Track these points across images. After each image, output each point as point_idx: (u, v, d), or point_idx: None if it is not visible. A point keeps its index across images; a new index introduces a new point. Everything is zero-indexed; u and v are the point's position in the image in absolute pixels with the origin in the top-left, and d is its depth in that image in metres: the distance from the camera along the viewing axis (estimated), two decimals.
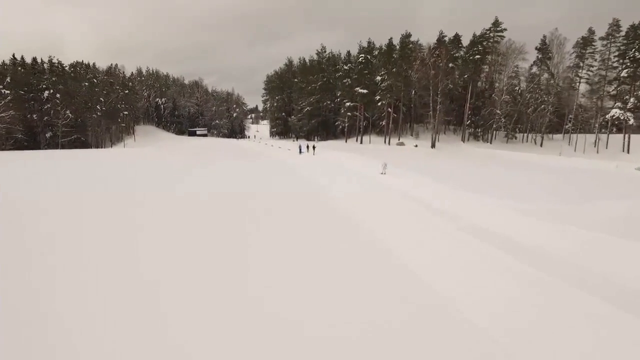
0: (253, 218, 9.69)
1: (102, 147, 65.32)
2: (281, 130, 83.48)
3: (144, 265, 6.11)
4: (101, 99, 60.37)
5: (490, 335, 4.11)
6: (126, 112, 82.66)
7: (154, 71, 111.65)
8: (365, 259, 6.57)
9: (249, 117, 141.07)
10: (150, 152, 44.66)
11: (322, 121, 64.85)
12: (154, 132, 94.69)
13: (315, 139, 63.16)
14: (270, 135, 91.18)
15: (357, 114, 52.74)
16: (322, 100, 63.00)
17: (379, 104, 49.40)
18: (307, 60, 70.84)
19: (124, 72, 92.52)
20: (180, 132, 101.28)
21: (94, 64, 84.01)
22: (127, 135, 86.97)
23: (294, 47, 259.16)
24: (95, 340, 3.93)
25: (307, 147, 38.51)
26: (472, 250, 7.11)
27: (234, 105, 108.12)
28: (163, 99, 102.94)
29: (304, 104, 65.50)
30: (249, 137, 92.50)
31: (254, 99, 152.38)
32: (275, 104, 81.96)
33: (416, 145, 48.44)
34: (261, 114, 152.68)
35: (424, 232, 8.59)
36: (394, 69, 47.34)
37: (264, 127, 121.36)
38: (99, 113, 59.70)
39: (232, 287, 5.30)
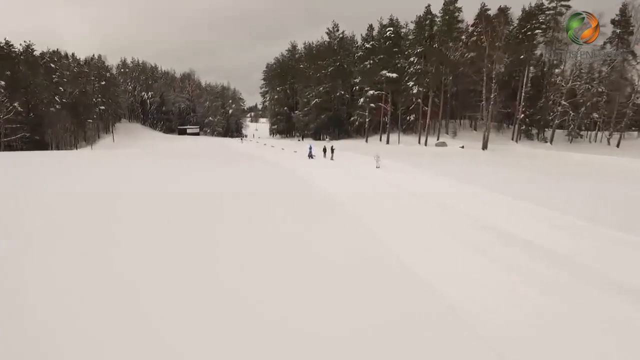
0: None
1: (68, 149, 53.84)
2: (283, 127, 71.66)
3: None
4: (61, 88, 48.75)
5: None
6: (102, 107, 71.24)
7: (141, 62, 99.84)
8: None
9: (248, 115, 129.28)
10: (115, 156, 33.10)
11: (332, 116, 53.11)
12: (137, 131, 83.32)
13: (326, 138, 51.54)
14: (270, 134, 79.48)
15: (382, 105, 41.01)
16: (333, 90, 51.19)
17: (414, 91, 37.57)
18: (315, 44, 58.82)
19: (103, 62, 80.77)
20: (169, 130, 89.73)
21: (72, 53, 72.05)
22: (105, 134, 75.78)
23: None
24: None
25: (324, 150, 27.06)
26: None
27: (230, 101, 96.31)
28: (149, 93, 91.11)
29: (310, 95, 53.82)
30: (246, 136, 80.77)
31: (254, 98, 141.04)
32: (275, 97, 70.04)
33: (462, 146, 36.93)
34: (260, 112, 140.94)
35: None
36: (436, 45, 35.51)
37: (264, 125, 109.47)
38: (58, 106, 48.15)
39: None
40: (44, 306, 4.22)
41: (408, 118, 44.65)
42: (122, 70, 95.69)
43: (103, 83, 71.42)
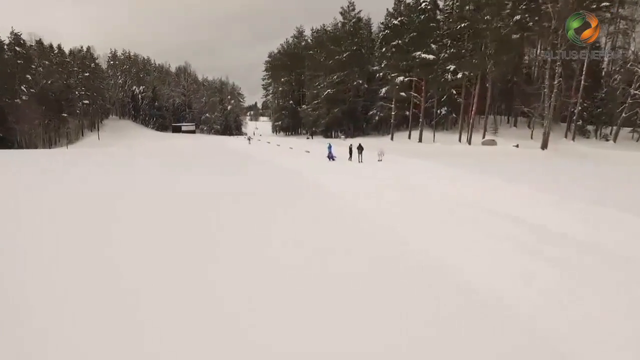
0: None
1: (46, 147, 46.56)
2: (288, 124, 64.11)
3: None
4: (28, 76, 41.44)
5: None
6: (86, 102, 63.88)
7: (133, 55, 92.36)
8: None
9: (248, 114, 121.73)
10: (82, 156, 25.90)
11: (347, 110, 45.68)
12: (128, 128, 76.10)
13: (341, 136, 44.18)
14: (273, 132, 72.04)
15: (414, 94, 33.57)
16: (349, 79, 43.72)
17: (458, 75, 30.06)
18: (326, 27, 51.14)
19: (92, 54, 72.96)
20: (162, 127, 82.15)
21: (59, 45, 64.24)
22: (91, 132, 68.52)
23: None
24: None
25: (350, 150, 19.87)
26: None
27: (229, 97, 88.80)
28: (141, 87, 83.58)
29: (321, 86, 46.47)
30: (246, 134, 73.41)
31: (254, 97, 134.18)
32: (279, 89, 62.50)
33: (517, 145, 29.64)
34: (260, 110, 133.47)
35: None
36: (487, 17, 28.02)
37: (263, 124, 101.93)
38: (25, 97, 40.87)
39: None
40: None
41: (439, 112, 37.30)
42: (111, 62, 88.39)
43: (87, 74, 64.05)
